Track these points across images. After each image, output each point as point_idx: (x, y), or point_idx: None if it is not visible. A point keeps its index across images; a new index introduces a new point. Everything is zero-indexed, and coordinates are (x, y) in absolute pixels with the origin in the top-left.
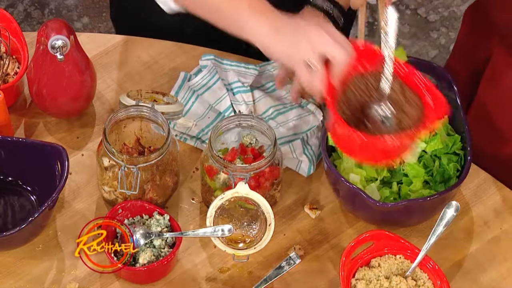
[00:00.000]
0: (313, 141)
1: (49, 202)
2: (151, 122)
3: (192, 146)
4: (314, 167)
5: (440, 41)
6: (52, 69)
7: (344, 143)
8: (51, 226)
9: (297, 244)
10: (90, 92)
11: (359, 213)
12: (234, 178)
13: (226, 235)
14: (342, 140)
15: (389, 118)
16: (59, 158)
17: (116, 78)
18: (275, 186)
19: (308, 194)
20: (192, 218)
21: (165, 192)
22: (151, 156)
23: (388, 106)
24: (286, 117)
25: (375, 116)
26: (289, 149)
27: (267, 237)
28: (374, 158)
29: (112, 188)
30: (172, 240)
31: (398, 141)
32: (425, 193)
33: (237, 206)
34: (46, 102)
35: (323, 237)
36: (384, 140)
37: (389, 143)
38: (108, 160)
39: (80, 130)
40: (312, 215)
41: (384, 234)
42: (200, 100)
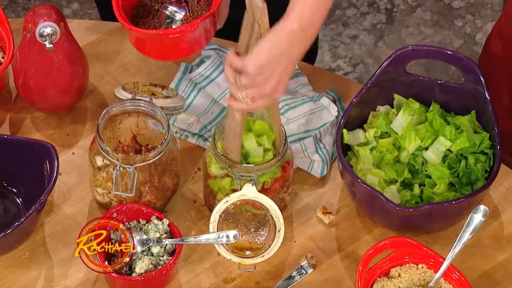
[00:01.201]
0: (326, 138)
1: (37, 205)
2: (148, 118)
3: (194, 144)
4: (327, 167)
5: (465, 30)
6: (40, 59)
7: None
8: (39, 231)
9: (309, 252)
10: (81, 85)
11: (377, 218)
12: (240, 180)
13: (231, 242)
14: (136, 42)
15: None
16: (47, 157)
17: (110, 70)
18: (285, 188)
19: (321, 197)
20: (193, 223)
21: (164, 194)
22: (149, 155)
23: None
24: (297, 112)
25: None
26: (300, 148)
27: (276, 244)
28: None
29: (106, 190)
30: (171, 248)
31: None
32: (450, 196)
33: (243, 210)
34: (33, 96)
35: (337, 245)
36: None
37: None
38: (102, 159)
39: (71, 127)
40: (326, 220)
41: (405, 241)
42: (202, 94)
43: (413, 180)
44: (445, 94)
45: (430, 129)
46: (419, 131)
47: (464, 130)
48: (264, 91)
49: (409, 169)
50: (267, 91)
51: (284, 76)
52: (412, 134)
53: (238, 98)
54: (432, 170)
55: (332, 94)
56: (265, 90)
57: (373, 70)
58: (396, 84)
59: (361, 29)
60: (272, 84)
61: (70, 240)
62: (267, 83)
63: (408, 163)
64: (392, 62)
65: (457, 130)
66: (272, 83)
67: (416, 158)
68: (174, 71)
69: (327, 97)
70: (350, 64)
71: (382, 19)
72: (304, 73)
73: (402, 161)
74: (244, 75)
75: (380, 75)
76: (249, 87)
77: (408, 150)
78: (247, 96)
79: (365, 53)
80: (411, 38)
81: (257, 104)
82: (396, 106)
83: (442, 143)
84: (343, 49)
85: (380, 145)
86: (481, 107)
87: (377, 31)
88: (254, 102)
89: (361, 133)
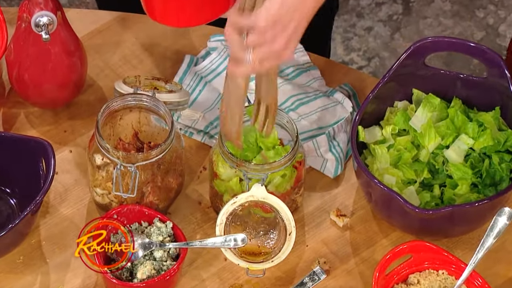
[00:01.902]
0: (340, 136)
1: (32, 207)
2: (151, 114)
3: (199, 142)
4: (342, 167)
5: (488, 21)
6: (36, 51)
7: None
8: (34, 234)
9: (322, 257)
10: (79, 78)
11: (394, 221)
12: (248, 179)
13: (239, 246)
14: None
15: None
16: (43, 155)
17: (110, 62)
18: (296, 189)
19: (335, 199)
20: (199, 226)
21: (168, 195)
22: (152, 153)
23: None
24: (309, 108)
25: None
26: (312, 146)
27: (287, 249)
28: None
29: (106, 190)
30: (175, 252)
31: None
32: (473, 197)
33: (252, 212)
34: (28, 90)
35: (352, 249)
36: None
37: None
38: (101, 158)
39: (68, 123)
40: (340, 223)
41: (424, 245)
42: (208, 88)
43: (433, 181)
44: (467, 89)
45: (451, 126)
46: (440, 129)
47: (487, 127)
48: (274, 49)
49: (428, 169)
50: (276, 48)
51: (296, 33)
52: (432, 131)
53: (243, 61)
54: (453, 170)
55: (346, 89)
56: (274, 47)
57: (389, 64)
58: (414, 78)
59: (376, 20)
60: (282, 41)
61: (67, 244)
62: (277, 40)
63: (428, 163)
64: (411, 54)
65: (480, 127)
66: (282, 40)
67: (436, 157)
68: (178, 64)
69: (341, 92)
70: (364, 58)
71: (399, 9)
72: (317, 66)
73: (421, 160)
74: (253, 32)
75: (398, 69)
76: (258, 45)
77: (428, 148)
78: (255, 57)
79: (381, 46)
80: (430, 30)
81: (264, 65)
82: (415, 101)
83: (464, 141)
84: (357, 42)
85: (397, 143)
86: (506, 103)
87: (393, 23)
88: (261, 63)
89: (377, 130)
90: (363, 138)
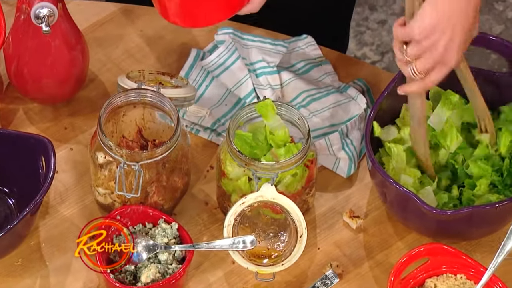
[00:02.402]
0: (354, 134)
1: (31, 207)
2: (156, 110)
3: (206, 140)
4: (355, 165)
5: (507, 14)
6: (35, 44)
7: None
8: (33, 236)
9: (335, 260)
10: (81, 73)
11: (411, 222)
12: (258, 179)
13: (248, 248)
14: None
15: None
16: (43, 153)
17: (113, 56)
18: (308, 189)
19: (348, 200)
20: (205, 228)
21: (173, 195)
22: (157, 151)
23: None
24: (321, 104)
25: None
26: (325, 144)
27: (298, 252)
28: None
29: (108, 190)
30: (181, 254)
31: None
32: (493, 198)
33: (261, 213)
34: (27, 85)
35: (366, 252)
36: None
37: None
38: (104, 156)
39: (69, 119)
40: (353, 224)
41: (442, 248)
42: (215, 83)
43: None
44: (487, 85)
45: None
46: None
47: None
48: (436, 56)
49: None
50: (439, 54)
51: (458, 35)
52: (454, 131)
53: (409, 75)
54: (472, 168)
55: (360, 85)
56: (436, 54)
57: None
58: None
59: (389, 13)
60: (443, 46)
61: (68, 246)
62: (437, 46)
63: (447, 162)
64: None
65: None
66: (442, 44)
67: (455, 156)
68: (184, 58)
69: (355, 88)
70: (377, 53)
71: None
72: (329, 61)
73: (440, 160)
74: (411, 44)
75: None
76: (418, 55)
77: (449, 148)
78: (418, 69)
79: None
80: None
81: (432, 77)
82: (432, 97)
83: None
84: (370, 36)
85: None
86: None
87: None
88: (428, 75)
89: (393, 130)
90: (379, 133)
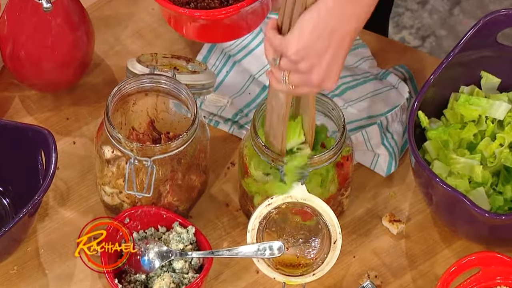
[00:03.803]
0: (395, 126)
1: (29, 208)
2: (170, 98)
3: (226, 133)
4: (396, 163)
5: None
6: (34, 23)
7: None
8: (30, 240)
9: (373, 270)
10: (85, 56)
11: (460, 228)
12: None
13: (276, 255)
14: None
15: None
16: (43, 147)
17: (121, 37)
18: (342, 189)
19: (387, 202)
20: (226, 232)
21: (190, 195)
22: (171, 145)
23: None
24: (357, 93)
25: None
26: (362, 138)
27: (331, 260)
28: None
29: (116, 189)
30: (198, 263)
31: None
32: None
33: (290, 215)
34: (24, 69)
35: (408, 261)
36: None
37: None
38: (111, 150)
39: (72, 109)
40: (394, 230)
41: (495, 257)
42: (237, 69)
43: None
44: None
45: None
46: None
47: None
48: (310, 81)
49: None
50: (314, 81)
51: (336, 61)
52: None
53: (279, 80)
54: None
55: (402, 71)
56: (311, 79)
57: (446, 44)
58: (484, 59)
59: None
60: (320, 73)
61: (69, 252)
62: (314, 72)
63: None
64: (480, 30)
65: None
66: (320, 71)
67: None
68: None
69: (396, 75)
70: (417, 37)
71: None
72: (366, 44)
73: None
74: (285, 59)
75: (464, 47)
76: (292, 72)
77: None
78: (289, 81)
79: (437, 23)
80: (495, 3)
81: (300, 91)
82: (484, 86)
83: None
84: (409, 18)
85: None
86: None
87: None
88: (297, 88)
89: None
90: (426, 124)
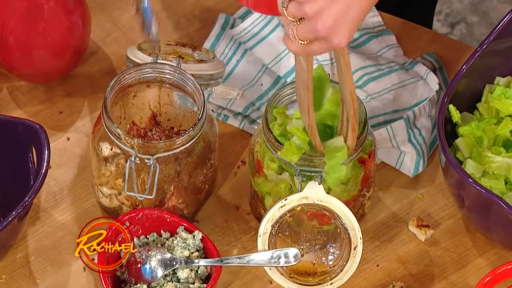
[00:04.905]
0: (423, 122)
1: (19, 210)
2: (175, 90)
3: (236, 128)
4: (424, 162)
5: None
6: (25, 7)
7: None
8: (20, 246)
9: (398, 279)
10: (80, 43)
11: (494, 233)
12: (302, 177)
13: (291, 264)
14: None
15: None
16: (33, 143)
17: (120, 22)
18: (364, 190)
19: (414, 205)
20: (236, 238)
21: (196, 197)
22: (176, 141)
23: None
24: (381, 84)
25: None
26: (386, 135)
27: (351, 268)
28: None
29: (115, 189)
30: (205, 271)
31: None
32: None
33: (305, 219)
34: (13, 58)
35: (438, 270)
36: None
37: None
38: (110, 147)
39: (65, 101)
40: (421, 236)
41: None
42: (248, 58)
43: None
44: None
45: None
46: None
47: None
48: (316, 29)
49: None
50: (320, 30)
51: (349, 13)
52: None
53: (289, 36)
54: None
55: (431, 60)
56: (317, 27)
57: (478, 31)
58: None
59: None
60: (328, 20)
61: (63, 260)
62: (320, 18)
63: None
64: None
65: None
66: (328, 18)
67: None
68: (209, 26)
69: (424, 64)
70: (446, 23)
71: None
72: (391, 30)
73: None
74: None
75: (500, 35)
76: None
77: None
78: (297, 35)
79: (468, 8)
80: None
81: (312, 47)
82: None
83: None
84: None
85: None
86: None
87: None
88: (308, 46)
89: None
90: (458, 118)
